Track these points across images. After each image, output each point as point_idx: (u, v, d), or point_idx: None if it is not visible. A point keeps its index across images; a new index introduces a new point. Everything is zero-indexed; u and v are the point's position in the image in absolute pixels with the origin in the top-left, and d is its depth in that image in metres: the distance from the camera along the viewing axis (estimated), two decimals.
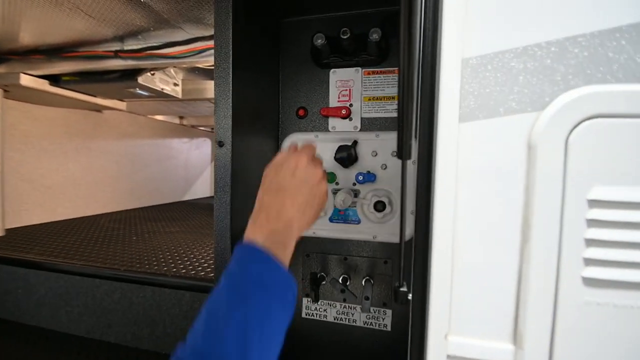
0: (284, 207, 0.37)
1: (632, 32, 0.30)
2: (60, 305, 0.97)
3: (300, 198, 0.38)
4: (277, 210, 0.37)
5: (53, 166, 1.66)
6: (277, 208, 0.37)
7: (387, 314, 0.67)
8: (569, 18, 0.31)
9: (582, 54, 0.31)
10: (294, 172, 0.39)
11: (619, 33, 0.30)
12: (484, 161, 0.33)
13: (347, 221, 0.66)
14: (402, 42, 0.29)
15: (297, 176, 0.39)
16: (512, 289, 0.34)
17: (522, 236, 0.33)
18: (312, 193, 0.40)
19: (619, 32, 0.30)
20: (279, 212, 0.37)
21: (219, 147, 0.48)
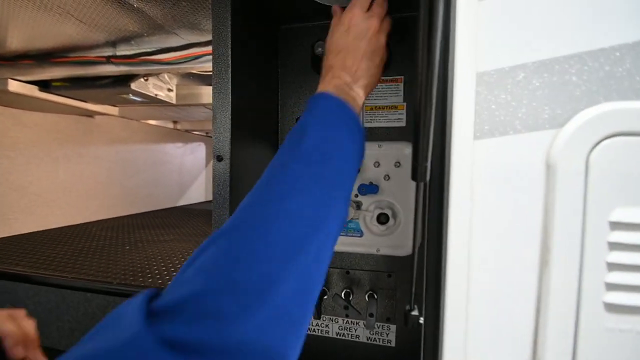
0: (344, 64, 0.38)
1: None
2: (51, 321, 0.94)
3: (358, 54, 0.39)
4: (340, 68, 0.38)
5: (43, 173, 1.62)
6: (339, 66, 0.38)
7: (391, 329, 0.65)
8: (589, 31, 0.29)
9: (603, 68, 0.29)
10: (348, 30, 0.40)
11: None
12: (501, 180, 0.31)
13: (349, 234, 0.64)
14: (421, 67, 0.28)
15: (351, 33, 0.39)
16: (530, 314, 0.32)
17: (541, 259, 0.31)
18: (370, 47, 0.39)
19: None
20: (342, 68, 0.38)
21: (218, 161, 0.46)
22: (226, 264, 0.24)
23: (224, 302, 0.22)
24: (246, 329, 0.22)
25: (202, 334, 0.20)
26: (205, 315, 0.21)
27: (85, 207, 1.85)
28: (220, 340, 0.21)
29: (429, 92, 0.28)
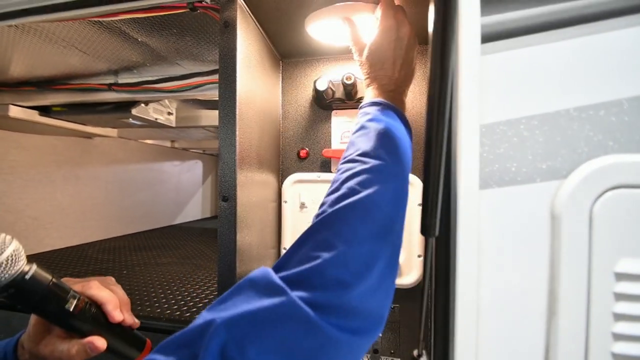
0: (386, 73, 0.42)
1: None
2: None
3: (398, 61, 0.42)
4: (386, 77, 0.42)
5: (40, 196, 1.60)
6: (384, 75, 0.42)
7: None
8: (592, 85, 0.31)
9: (605, 121, 0.30)
10: (387, 40, 0.43)
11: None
12: (507, 230, 0.32)
13: None
14: (430, 114, 0.29)
15: (389, 43, 0.42)
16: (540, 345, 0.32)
17: (549, 309, 0.32)
18: (405, 53, 0.43)
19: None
20: (387, 78, 0.42)
21: (224, 201, 0.46)
22: (336, 242, 0.29)
23: (341, 273, 0.28)
24: (358, 293, 0.28)
25: (330, 297, 0.27)
26: (328, 284, 0.27)
27: (82, 228, 1.83)
28: (341, 303, 0.27)
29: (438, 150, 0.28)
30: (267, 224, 0.64)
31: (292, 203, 0.67)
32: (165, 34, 0.71)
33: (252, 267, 0.56)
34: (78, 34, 0.73)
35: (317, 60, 0.65)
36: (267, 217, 0.63)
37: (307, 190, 0.66)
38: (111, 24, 0.67)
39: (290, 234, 0.67)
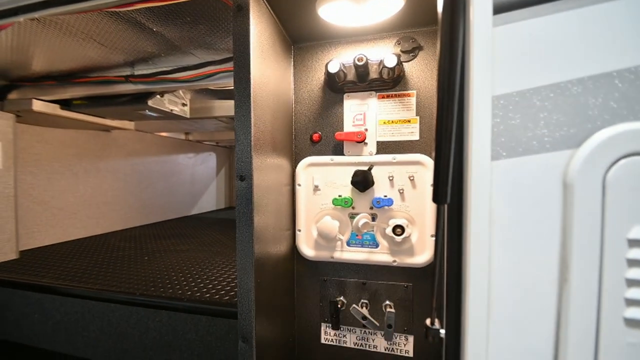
0: None
1: None
2: (77, 330, 0.97)
3: None
4: None
5: (63, 187, 1.68)
6: None
7: (408, 340, 0.65)
8: (605, 53, 0.30)
9: (618, 90, 0.30)
10: None
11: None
12: (519, 200, 0.32)
13: (364, 245, 0.65)
14: (441, 82, 0.29)
15: None
16: (551, 330, 0.33)
17: (561, 276, 0.32)
18: None
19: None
20: None
21: (240, 181, 0.48)
22: None
23: None
24: None
25: None
26: None
27: (104, 218, 1.91)
28: None
29: (449, 117, 0.29)
30: (282, 207, 0.65)
31: (306, 186, 0.68)
32: (179, 23, 0.72)
33: (268, 248, 0.58)
34: (96, 26, 0.75)
35: (329, 44, 0.66)
36: (282, 200, 0.65)
37: (320, 173, 0.67)
38: (127, 15, 0.69)
39: (304, 216, 0.68)
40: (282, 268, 0.65)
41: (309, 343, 0.72)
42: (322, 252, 0.68)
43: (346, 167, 0.65)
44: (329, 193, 0.67)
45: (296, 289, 0.72)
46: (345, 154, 0.66)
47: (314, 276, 0.70)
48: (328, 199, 0.67)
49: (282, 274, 0.66)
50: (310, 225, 0.68)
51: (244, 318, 0.50)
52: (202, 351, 0.84)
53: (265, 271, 0.56)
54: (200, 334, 0.84)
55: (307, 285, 0.71)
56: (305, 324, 0.72)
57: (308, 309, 0.71)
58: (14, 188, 1.35)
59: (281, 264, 0.64)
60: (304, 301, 0.72)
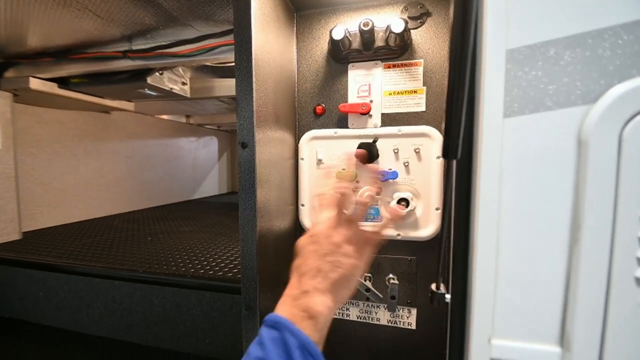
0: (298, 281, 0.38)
1: None
2: (81, 307, 0.98)
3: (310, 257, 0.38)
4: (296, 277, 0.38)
5: (64, 169, 1.67)
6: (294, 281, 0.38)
7: (411, 313, 0.66)
8: (623, 3, 0.29)
9: (637, 42, 0.29)
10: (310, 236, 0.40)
11: None
12: (531, 158, 0.31)
13: (368, 219, 0.65)
14: (454, 33, 0.28)
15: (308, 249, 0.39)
16: (559, 290, 0.33)
17: (571, 236, 0.32)
18: (322, 248, 0.38)
19: None
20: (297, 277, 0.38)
21: (243, 148, 0.47)
22: None
23: None
24: None
25: None
26: None
27: (106, 200, 1.91)
28: None
29: (463, 68, 0.28)
30: (285, 181, 0.65)
31: (309, 160, 0.67)
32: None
33: (271, 222, 0.57)
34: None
35: (333, 11, 0.64)
36: (285, 174, 0.64)
37: (323, 146, 0.66)
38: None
39: (307, 190, 0.68)
40: (286, 243, 0.65)
41: None
42: None
43: (350, 140, 0.64)
44: None
45: None
46: (349, 126, 0.65)
47: None
48: (331, 173, 0.66)
49: (286, 248, 0.65)
50: (314, 200, 0.68)
51: (247, 287, 0.50)
52: (206, 326, 0.85)
53: (268, 245, 0.55)
54: (204, 310, 0.85)
55: None
56: None
57: None
58: (15, 168, 1.34)
59: (284, 238, 0.64)
60: None
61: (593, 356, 0.32)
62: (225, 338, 0.83)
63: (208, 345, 0.85)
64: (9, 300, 1.09)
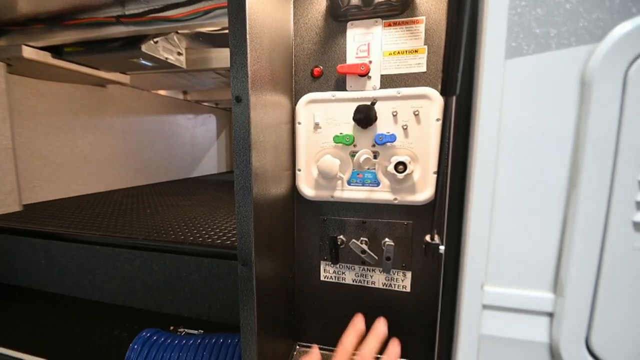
0: None
1: None
2: (83, 274, 1.00)
3: None
4: None
5: (62, 143, 1.66)
6: None
7: (406, 276, 0.67)
8: None
9: None
10: None
11: None
12: (532, 99, 0.30)
13: (365, 184, 0.64)
14: None
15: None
16: (555, 236, 0.32)
17: (570, 180, 0.31)
18: None
19: None
20: None
21: (237, 102, 0.46)
22: None
23: None
24: None
25: None
26: None
27: (104, 176, 1.91)
28: None
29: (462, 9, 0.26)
30: (281, 146, 0.64)
31: (306, 124, 0.66)
32: None
33: (267, 188, 0.57)
34: None
35: None
36: (281, 139, 0.63)
37: (321, 110, 0.65)
38: None
39: (304, 155, 0.67)
40: (282, 208, 0.65)
41: (308, 280, 0.73)
42: (322, 192, 0.67)
43: (348, 103, 0.63)
44: (330, 131, 0.65)
45: (296, 229, 0.72)
46: (347, 89, 0.63)
47: (314, 216, 0.70)
48: (329, 137, 0.65)
49: (282, 213, 0.65)
50: (311, 165, 0.67)
51: (243, 243, 0.50)
52: (206, 291, 0.87)
53: (264, 210, 0.55)
54: (203, 275, 0.86)
55: (307, 225, 0.71)
56: (305, 262, 0.73)
57: (308, 247, 0.72)
58: (12, 140, 1.34)
59: (281, 204, 0.64)
60: (303, 240, 0.72)
61: (586, 301, 0.32)
62: (223, 302, 0.84)
63: (207, 310, 0.87)
64: (13, 269, 1.11)
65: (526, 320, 0.34)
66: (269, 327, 0.58)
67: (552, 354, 0.34)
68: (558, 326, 0.33)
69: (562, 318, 0.33)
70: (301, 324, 0.76)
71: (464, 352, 0.35)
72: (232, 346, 0.62)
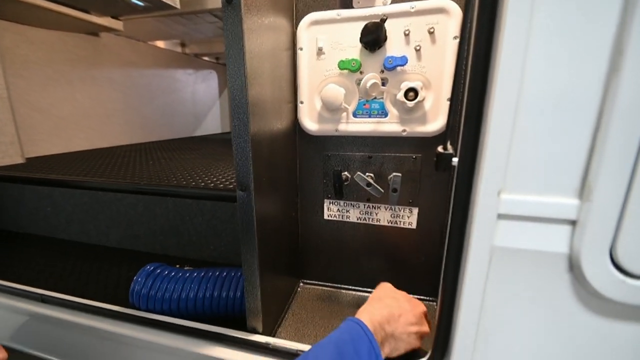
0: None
1: None
2: (88, 220, 1.01)
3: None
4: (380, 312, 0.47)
5: (60, 95, 1.62)
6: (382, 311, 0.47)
7: (412, 212, 0.64)
8: None
9: None
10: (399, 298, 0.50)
11: None
12: None
13: (372, 115, 0.60)
14: None
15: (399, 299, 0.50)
16: (587, 133, 0.29)
17: (610, 65, 0.27)
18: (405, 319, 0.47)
19: None
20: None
21: (228, 4, 0.40)
22: None
23: None
24: None
25: None
26: None
27: (107, 132, 1.88)
28: None
29: None
30: (281, 76, 0.59)
31: (309, 50, 0.60)
32: None
33: (267, 123, 0.53)
34: None
35: None
36: (281, 68, 0.58)
37: (325, 32, 0.59)
38: None
39: (307, 85, 0.62)
40: (283, 144, 0.62)
41: (312, 219, 0.72)
42: (326, 126, 0.63)
43: (355, 23, 0.57)
44: (335, 57, 0.59)
45: (299, 167, 0.70)
46: (354, 6, 0.57)
47: (317, 152, 0.67)
48: (333, 64, 0.60)
49: (283, 150, 0.62)
50: (314, 96, 0.63)
51: (242, 169, 0.48)
52: (210, 234, 0.87)
53: (263, 144, 0.52)
54: (207, 218, 0.86)
55: (310, 162, 0.68)
56: (308, 201, 0.71)
57: (311, 185, 0.70)
58: (6, 89, 1.29)
59: (282, 140, 0.60)
60: (307, 178, 0.70)
61: (615, 206, 0.29)
62: (228, 244, 0.85)
63: (212, 252, 0.87)
64: (20, 217, 1.12)
65: (545, 229, 0.31)
66: (270, 262, 0.57)
67: (570, 265, 0.32)
68: (581, 234, 0.30)
69: (586, 225, 0.30)
70: (305, 263, 0.76)
71: (473, 265, 0.33)
72: (235, 279, 0.62)
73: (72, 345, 0.66)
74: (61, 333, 0.66)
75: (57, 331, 0.66)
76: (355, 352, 0.39)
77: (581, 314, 0.33)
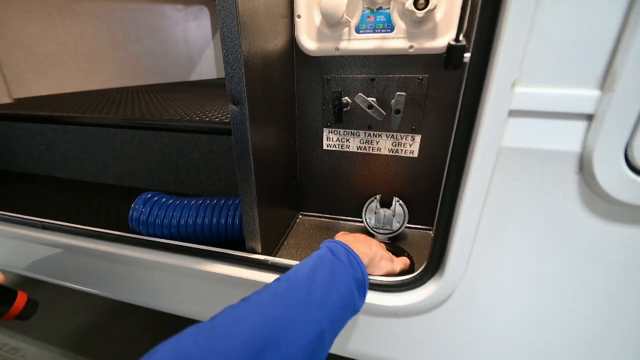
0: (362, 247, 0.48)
1: None
2: (84, 158, 0.99)
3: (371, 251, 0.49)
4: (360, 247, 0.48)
5: (41, 31, 1.50)
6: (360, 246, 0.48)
7: (415, 140, 0.62)
8: None
9: None
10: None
11: None
12: None
13: (376, 30, 0.55)
14: None
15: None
16: (618, 14, 0.25)
17: None
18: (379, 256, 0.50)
19: None
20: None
21: None
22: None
23: None
24: None
25: None
26: None
27: (95, 73, 1.79)
28: None
29: None
30: None
31: None
32: None
33: (260, 41, 0.48)
34: None
35: None
36: None
37: None
38: None
39: None
40: (279, 66, 0.57)
41: (310, 149, 0.70)
42: (325, 44, 0.58)
43: None
44: None
45: (296, 92, 0.66)
46: None
47: (315, 76, 0.63)
48: None
49: (279, 72, 0.58)
50: (312, 9, 0.57)
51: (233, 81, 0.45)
52: (207, 168, 0.85)
53: (256, 63, 0.47)
54: (203, 152, 0.84)
55: (308, 87, 0.64)
56: (306, 130, 0.69)
57: (309, 113, 0.67)
58: None
59: (277, 61, 0.56)
60: (304, 105, 0.66)
61: (638, 97, 0.26)
62: (226, 178, 0.84)
63: (211, 187, 0.87)
64: (15, 156, 1.10)
65: (558, 126, 0.29)
66: (267, 188, 0.56)
67: (580, 165, 0.30)
68: (596, 130, 0.28)
69: (604, 119, 0.27)
70: (303, 194, 0.76)
71: (478, 165, 0.32)
72: (233, 206, 0.62)
73: (71, 267, 0.68)
74: (60, 256, 0.68)
75: (58, 255, 0.68)
76: (335, 256, 0.42)
77: (585, 219, 0.32)
